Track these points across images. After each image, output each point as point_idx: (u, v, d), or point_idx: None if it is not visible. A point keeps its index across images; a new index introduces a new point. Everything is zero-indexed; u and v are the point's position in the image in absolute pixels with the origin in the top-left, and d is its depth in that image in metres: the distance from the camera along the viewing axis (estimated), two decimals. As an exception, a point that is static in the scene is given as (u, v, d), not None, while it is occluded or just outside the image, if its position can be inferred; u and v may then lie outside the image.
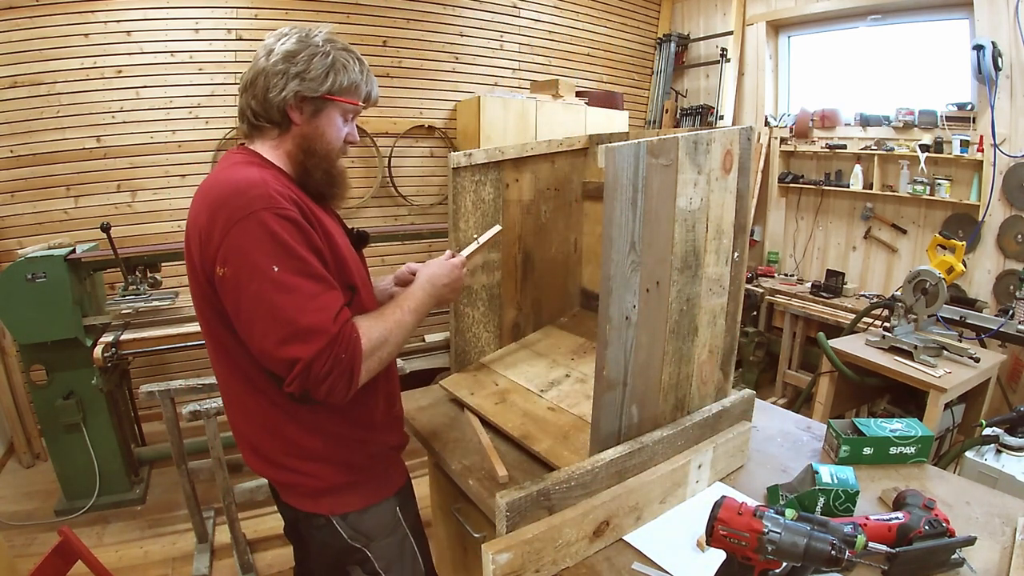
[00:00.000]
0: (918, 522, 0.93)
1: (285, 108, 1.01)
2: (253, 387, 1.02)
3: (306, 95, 1.01)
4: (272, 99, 1.00)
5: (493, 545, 0.90)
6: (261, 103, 1.01)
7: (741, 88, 4.46)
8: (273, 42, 1.02)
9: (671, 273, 1.08)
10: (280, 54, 1.00)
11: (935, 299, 2.34)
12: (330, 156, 1.08)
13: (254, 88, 1.01)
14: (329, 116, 1.05)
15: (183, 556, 2.32)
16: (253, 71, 1.02)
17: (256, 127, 1.04)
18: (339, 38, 1.08)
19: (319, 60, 1.01)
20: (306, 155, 1.05)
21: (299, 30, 1.04)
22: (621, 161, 0.94)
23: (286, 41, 1.01)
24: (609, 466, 1.03)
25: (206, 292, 0.97)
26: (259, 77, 1.00)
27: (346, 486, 1.10)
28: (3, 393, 2.99)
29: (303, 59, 1.00)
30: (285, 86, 0.99)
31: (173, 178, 3.31)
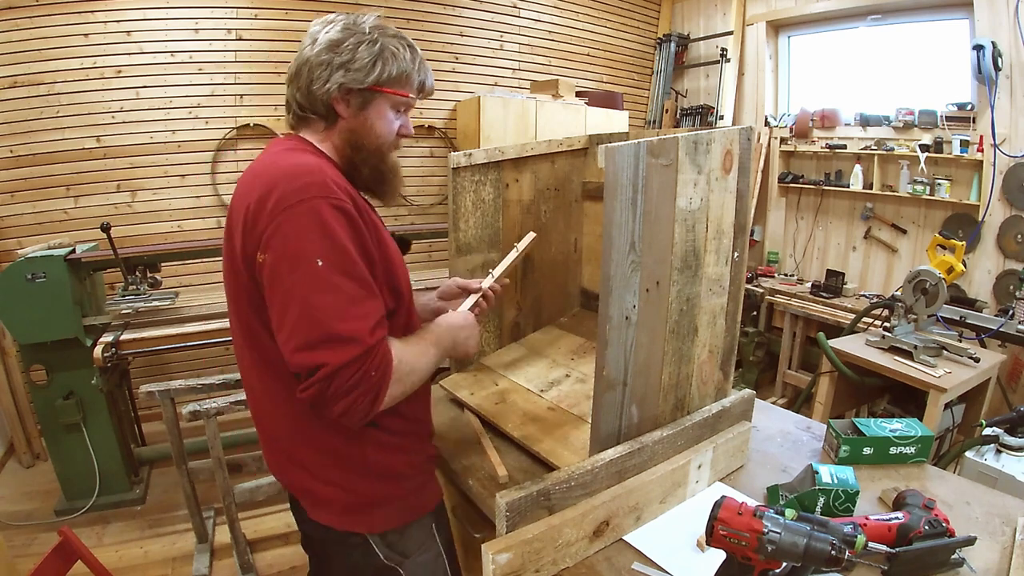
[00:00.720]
0: (918, 522, 0.93)
1: (330, 101, 0.95)
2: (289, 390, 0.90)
3: (352, 87, 0.94)
4: (316, 91, 0.94)
5: (493, 545, 0.90)
6: (306, 95, 0.95)
7: (741, 88, 4.46)
8: (318, 30, 0.95)
9: (671, 273, 1.08)
10: (324, 43, 0.93)
11: (935, 299, 2.34)
12: (380, 151, 1.01)
13: (299, 79, 0.95)
14: (378, 108, 0.98)
15: (183, 556, 2.32)
16: (297, 61, 0.96)
17: (303, 119, 0.99)
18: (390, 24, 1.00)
19: (365, 48, 0.93)
20: (354, 150, 0.99)
21: (345, 16, 0.96)
22: (621, 161, 0.94)
23: (331, 29, 0.94)
24: (609, 466, 1.03)
25: (243, 281, 0.90)
26: (303, 68, 0.95)
27: (385, 501, 1.02)
28: (3, 393, 2.99)
29: (348, 48, 0.93)
30: (329, 78, 0.93)
31: (173, 178, 3.31)
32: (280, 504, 2.60)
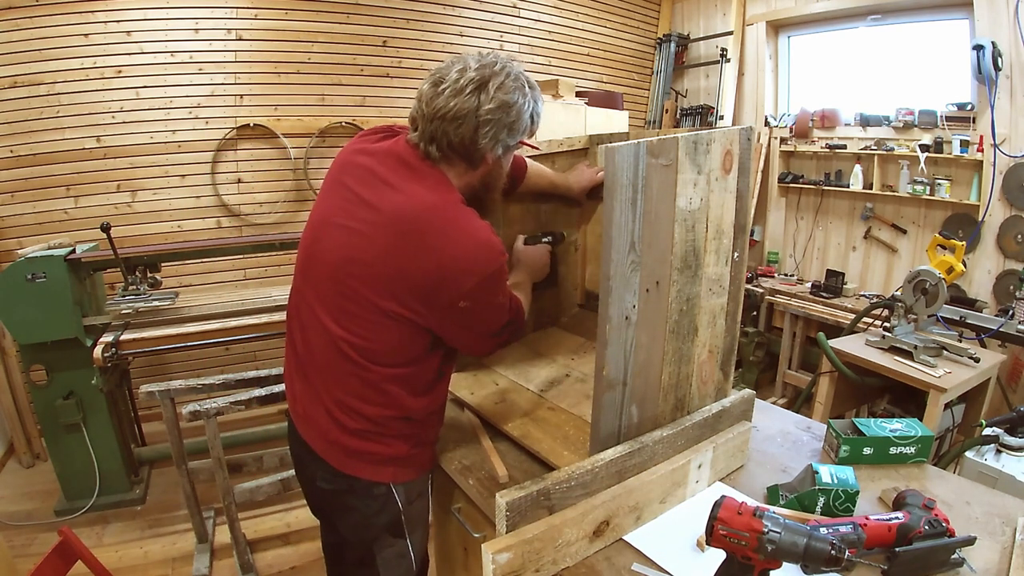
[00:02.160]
0: (918, 522, 0.93)
1: (485, 155, 1.04)
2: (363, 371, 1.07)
3: (508, 143, 1.05)
4: (480, 145, 1.02)
5: (493, 545, 0.90)
6: (466, 144, 1.01)
7: (741, 88, 4.46)
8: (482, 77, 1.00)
9: (671, 273, 1.08)
10: (497, 103, 0.99)
11: (935, 299, 2.34)
12: (499, 187, 1.17)
13: (459, 125, 1.00)
14: (510, 156, 1.11)
15: (183, 556, 2.32)
16: (459, 106, 0.99)
17: (447, 158, 1.05)
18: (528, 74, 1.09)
19: (526, 112, 1.04)
20: (485, 189, 1.13)
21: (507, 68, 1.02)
22: (621, 161, 0.94)
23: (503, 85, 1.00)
24: (609, 466, 1.03)
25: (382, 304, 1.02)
26: (468, 117, 0.99)
27: (411, 459, 1.19)
28: (3, 393, 2.99)
29: (516, 111, 1.01)
30: (497, 137, 1.02)
31: (173, 178, 3.31)
32: (280, 504, 2.60)
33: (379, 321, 1.04)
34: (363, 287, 1.03)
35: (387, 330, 1.05)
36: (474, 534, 1.21)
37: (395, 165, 1.06)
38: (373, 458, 1.15)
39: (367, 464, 1.15)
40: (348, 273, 1.04)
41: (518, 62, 1.06)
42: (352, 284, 1.04)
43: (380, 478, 1.16)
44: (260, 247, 3.01)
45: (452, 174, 1.06)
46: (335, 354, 1.09)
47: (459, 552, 1.43)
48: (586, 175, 1.59)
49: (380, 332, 1.05)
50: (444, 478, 1.36)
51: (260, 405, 2.07)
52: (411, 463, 1.20)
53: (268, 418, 3.16)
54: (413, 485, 1.22)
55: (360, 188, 1.07)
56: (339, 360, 1.09)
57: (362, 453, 1.14)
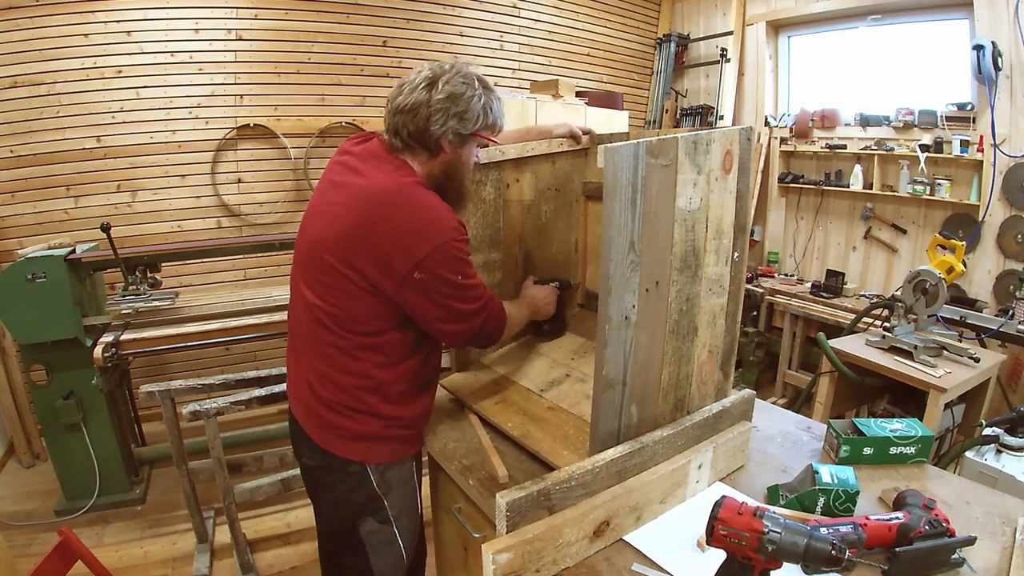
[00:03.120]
0: (918, 522, 0.93)
1: (440, 141, 1.17)
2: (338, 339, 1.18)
3: (460, 132, 1.17)
4: (432, 131, 1.15)
5: (493, 545, 0.90)
6: (420, 131, 1.16)
7: (741, 88, 4.46)
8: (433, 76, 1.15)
9: (671, 273, 1.08)
10: (445, 93, 1.14)
11: (935, 299, 2.34)
12: (465, 179, 1.27)
13: (414, 115, 1.15)
14: (470, 148, 1.23)
15: (183, 556, 2.32)
16: (414, 100, 1.14)
17: (409, 147, 1.19)
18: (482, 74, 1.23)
19: (475, 103, 1.17)
20: (447, 179, 1.23)
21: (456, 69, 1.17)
22: (620, 161, 0.94)
23: (450, 80, 1.15)
24: (609, 466, 1.03)
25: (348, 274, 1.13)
26: (421, 107, 1.14)
27: (384, 438, 1.25)
28: (3, 393, 2.99)
29: (464, 100, 1.15)
30: (445, 123, 1.15)
31: (173, 178, 3.32)
32: (280, 504, 2.60)
33: (349, 290, 1.15)
34: (333, 259, 1.15)
35: (356, 299, 1.15)
36: (474, 534, 1.21)
37: (366, 157, 1.22)
38: (345, 433, 1.23)
39: (340, 439, 1.24)
40: (322, 248, 1.17)
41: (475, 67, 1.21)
42: (325, 257, 1.16)
43: (352, 455, 1.24)
44: (260, 247, 3.01)
45: (415, 163, 1.20)
46: (314, 323, 1.21)
47: (459, 552, 1.43)
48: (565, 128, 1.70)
49: (350, 300, 1.16)
50: (444, 478, 1.36)
51: (260, 405, 2.07)
52: (384, 443, 1.26)
53: (268, 418, 3.16)
54: (390, 469, 1.28)
55: (335, 178, 1.24)
56: (317, 328, 1.21)
57: (335, 426, 1.23)
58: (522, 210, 1.58)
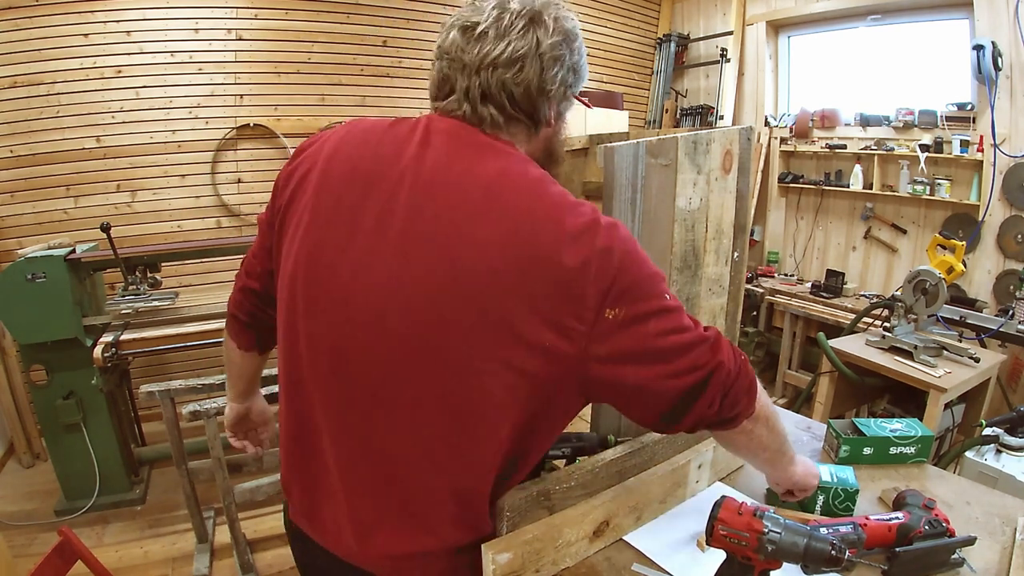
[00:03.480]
0: (918, 522, 0.93)
1: (550, 105, 0.79)
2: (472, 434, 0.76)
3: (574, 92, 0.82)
4: (549, 91, 0.76)
5: (493, 545, 0.90)
6: (533, 94, 0.76)
7: (741, 88, 4.46)
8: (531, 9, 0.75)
9: (670, 273, 1.08)
10: (562, 34, 0.76)
11: (935, 299, 2.34)
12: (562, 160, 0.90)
13: (521, 70, 0.74)
14: (566, 116, 0.85)
15: (183, 556, 2.32)
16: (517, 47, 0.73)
17: (513, 119, 0.78)
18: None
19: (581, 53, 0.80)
20: (547, 159, 0.84)
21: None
22: (620, 161, 0.94)
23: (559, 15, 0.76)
24: (609, 466, 1.03)
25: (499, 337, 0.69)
26: (529, 58, 0.74)
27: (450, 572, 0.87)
28: (3, 393, 2.99)
29: (579, 48, 0.79)
30: (567, 80, 0.78)
31: (173, 178, 3.32)
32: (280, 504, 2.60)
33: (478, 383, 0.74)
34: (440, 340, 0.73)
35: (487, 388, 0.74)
36: (474, 534, 1.21)
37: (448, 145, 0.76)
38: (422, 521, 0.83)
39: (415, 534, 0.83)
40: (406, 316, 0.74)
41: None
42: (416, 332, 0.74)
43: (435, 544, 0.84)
44: (260, 247, 3.00)
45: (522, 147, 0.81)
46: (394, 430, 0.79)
47: (459, 552, 1.43)
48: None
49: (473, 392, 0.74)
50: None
51: (260, 405, 2.06)
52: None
53: (268, 418, 3.15)
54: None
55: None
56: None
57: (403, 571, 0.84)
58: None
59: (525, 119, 0.78)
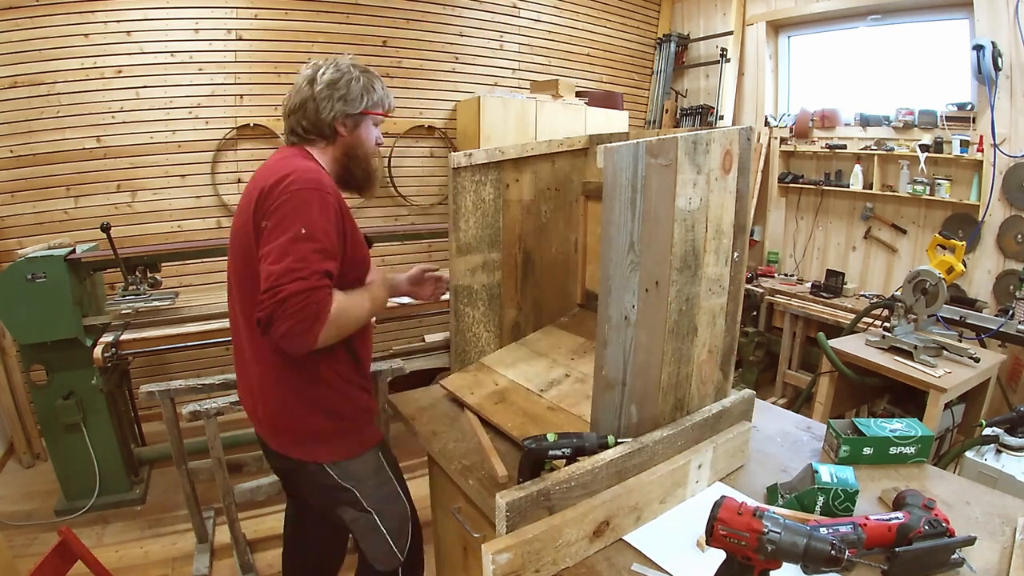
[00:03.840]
0: (918, 522, 0.93)
1: (334, 125, 1.28)
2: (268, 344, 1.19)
3: (349, 112, 1.28)
4: (323, 119, 1.27)
5: (493, 545, 0.90)
6: (313, 122, 1.27)
7: (741, 88, 4.46)
8: (312, 74, 1.27)
9: (670, 273, 1.08)
10: (324, 83, 1.25)
11: (935, 299, 2.34)
12: (368, 157, 1.35)
13: (304, 111, 1.27)
14: (366, 127, 1.33)
15: (183, 556, 2.32)
16: (299, 97, 1.27)
17: (307, 140, 1.30)
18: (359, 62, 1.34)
19: (355, 84, 1.28)
20: (350, 159, 1.33)
21: (330, 62, 1.29)
22: (620, 161, 0.94)
23: (325, 72, 1.27)
24: (609, 466, 1.03)
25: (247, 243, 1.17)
26: (308, 102, 1.26)
27: (332, 435, 1.30)
28: (3, 393, 2.99)
29: (343, 85, 1.27)
30: (332, 108, 1.26)
31: (173, 178, 3.31)
32: (280, 504, 2.59)
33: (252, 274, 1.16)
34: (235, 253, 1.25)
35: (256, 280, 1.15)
36: (474, 534, 1.21)
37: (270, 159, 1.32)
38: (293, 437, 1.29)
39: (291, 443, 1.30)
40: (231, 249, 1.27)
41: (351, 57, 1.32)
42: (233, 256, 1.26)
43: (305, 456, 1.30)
44: (260, 247, 3.00)
45: (318, 153, 1.31)
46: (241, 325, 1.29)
47: (459, 552, 1.43)
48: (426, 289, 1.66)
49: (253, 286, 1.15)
50: (444, 478, 1.36)
51: (260, 405, 2.06)
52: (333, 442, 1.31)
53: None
54: (350, 464, 1.33)
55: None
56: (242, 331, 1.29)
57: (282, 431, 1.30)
58: (522, 210, 1.59)
59: (318, 137, 1.30)
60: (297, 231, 1.09)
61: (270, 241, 1.10)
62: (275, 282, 1.05)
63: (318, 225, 1.12)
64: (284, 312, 1.04)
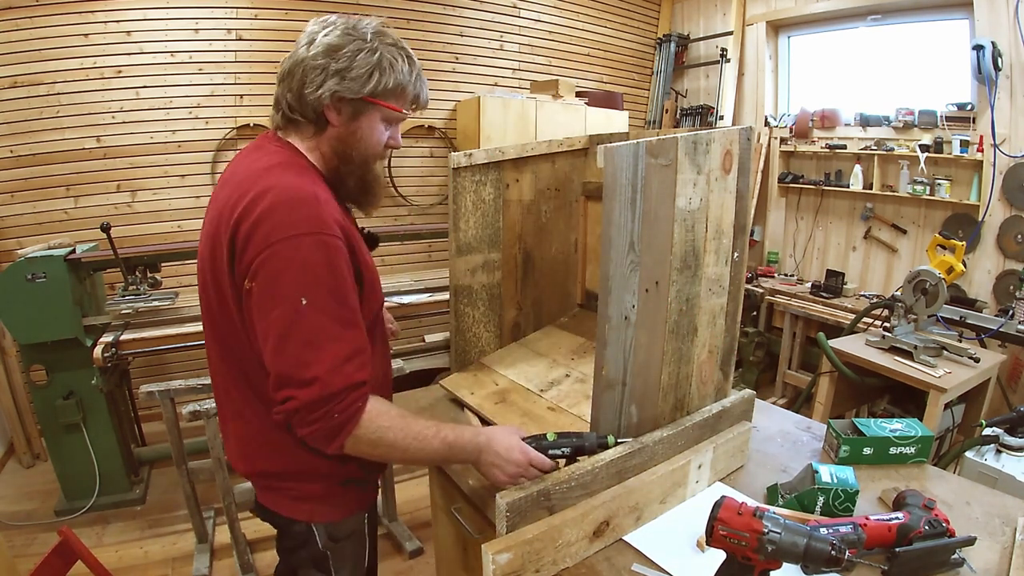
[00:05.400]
0: (918, 522, 0.93)
1: (321, 108, 0.94)
2: (253, 391, 0.99)
3: (345, 96, 0.92)
4: (308, 96, 0.92)
5: (493, 545, 0.90)
6: (297, 97, 0.94)
7: (741, 88, 4.46)
8: (316, 30, 0.93)
9: (670, 273, 1.08)
10: (322, 47, 0.91)
11: (935, 299, 2.34)
12: (367, 163, 1.01)
13: (291, 79, 0.94)
14: (370, 120, 0.97)
15: (183, 556, 2.32)
16: (291, 60, 0.94)
17: (291, 121, 0.98)
18: (391, 31, 0.97)
19: (364, 57, 0.91)
20: (341, 160, 0.99)
21: (346, 20, 0.94)
22: (620, 161, 0.94)
23: (330, 32, 0.92)
24: (609, 466, 1.03)
25: (224, 290, 0.92)
26: (296, 68, 0.93)
27: (328, 497, 1.08)
28: (3, 393, 2.99)
29: (346, 55, 0.91)
30: (323, 83, 0.91)
31: (173, 178, 3.31)
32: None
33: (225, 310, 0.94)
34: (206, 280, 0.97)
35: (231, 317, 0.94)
36: (474, 534, 1.21)
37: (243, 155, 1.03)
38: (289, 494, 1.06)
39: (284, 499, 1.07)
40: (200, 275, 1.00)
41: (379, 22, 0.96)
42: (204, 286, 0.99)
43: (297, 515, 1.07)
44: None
45: (302, 145, 0.99)
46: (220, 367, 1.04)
47: (459, 552, 1.43)
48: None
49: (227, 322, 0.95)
50: (444, 478, 1.36)
51: (260, 405, 2.06)
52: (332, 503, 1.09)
53: (268, 418, 3.15)
54: (340, 526, 1.11)
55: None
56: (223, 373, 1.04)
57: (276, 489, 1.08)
58: (522, 210, 1.58)
59: (304, 120, 0.96)
60: (296, 303, 0.83)
61: (262, 314, 0.86)
62: (281, 385, 0.85)
63: (323, 286, 0.85)
64: (300, 422, 0.86)
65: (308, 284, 0.84)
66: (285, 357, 0.84)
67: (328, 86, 0.91)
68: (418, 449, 0.93)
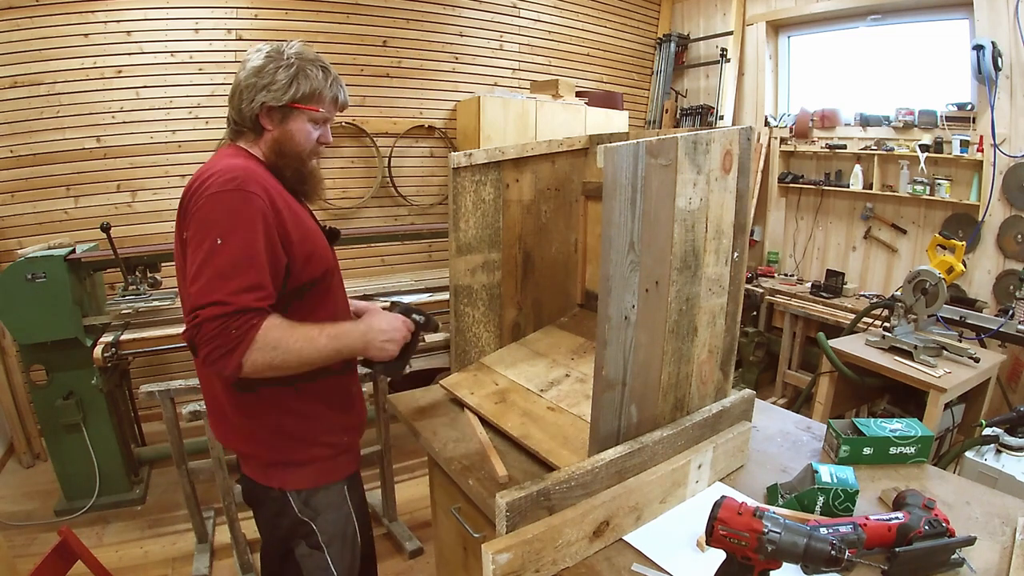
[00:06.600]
0: (918, 522, 0.93)
1: (256, 116, 1.14)
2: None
3: (272, 104, 1.12)
4: (245, 110, 1.13)
5: (493, 545, 0.90)
6: (238, 112, 1.15)
7: (741, 88, 4.46)
8: (248, 57, 1.15)
9: (670, 273, 1.08)
10: (250, 70, 1.12)
11: (935, 299, 2.34)
12: (300, 157, 1.19)
13: (233, 100, 1.15)
14: (297, 122, 1.16)
15: (183, 556, 2.32)
16: (233, 84, 1.15)
17: (238, 132, 1.18)
18: (310, 49, 1.17)
19: (283, 72, 1.11)
20: (277, 156, 1.17)
21: (272, 45, 1.15)
22: (620, 161, 0.94)
23: (256, 57, 1.13)
24: (609, 466, 1.03)
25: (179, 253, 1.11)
26: (235, 90, 1.14)
27: (299, 463, 1.19)
28: (3, 393, 2.99)
29: (269, 72, 1.11)
30: (254, 98, 1.12)
31: (173, 178, 3.31)
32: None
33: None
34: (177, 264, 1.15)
35: None
36: (474, 534, 1.21)
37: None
38: (260, 460, 1.19)
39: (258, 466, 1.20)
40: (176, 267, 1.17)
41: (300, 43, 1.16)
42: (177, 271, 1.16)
43: (269, 482, 1.19)
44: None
45: (248, 147, 1.17)
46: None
47: (459, 552, 1.43)
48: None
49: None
50: (444, 478, 1.36)
51: (260, 405, 2.06)
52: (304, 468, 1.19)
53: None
54: (315, 495, 1.21)
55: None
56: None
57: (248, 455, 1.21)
58: (522, 210, 1.59)
59: (247, 130, 1.16)
60: (212, 243, 0.99)
61: (191, 256, 1.01)
62: (193, 305, 0.98)
63: (236, 232, 1.00)
64: (201, 339, 0.96)
65: (225, 227, 1.00)
66: (198, 286, 0.98)
67: (259, 99, 1.12)
68: (311, 349, 1.05)
